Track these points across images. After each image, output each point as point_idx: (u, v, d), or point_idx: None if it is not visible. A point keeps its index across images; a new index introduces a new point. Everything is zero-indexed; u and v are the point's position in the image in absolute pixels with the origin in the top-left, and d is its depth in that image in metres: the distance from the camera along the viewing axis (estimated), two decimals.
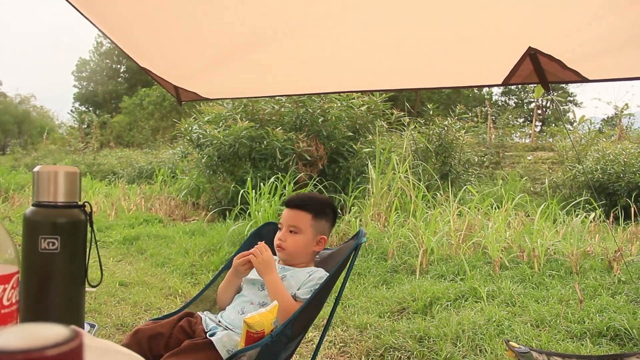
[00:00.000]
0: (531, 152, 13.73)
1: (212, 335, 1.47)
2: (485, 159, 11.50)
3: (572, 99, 29.49)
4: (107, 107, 34.95)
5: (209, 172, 7.46)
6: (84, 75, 39.69)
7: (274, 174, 6.15)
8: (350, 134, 7.12)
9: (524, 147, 14.49)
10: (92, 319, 3.09)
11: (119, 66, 38.28)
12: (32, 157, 17.28)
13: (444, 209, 5.70)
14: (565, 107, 27.84)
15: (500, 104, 31.62)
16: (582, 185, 8.45)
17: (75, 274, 0.99)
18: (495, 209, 5.77)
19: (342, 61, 1.95)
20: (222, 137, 6.78)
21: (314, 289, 1.55)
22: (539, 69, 1.66)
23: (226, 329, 1.51)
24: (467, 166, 9.00)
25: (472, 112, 14.40)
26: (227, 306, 1.67)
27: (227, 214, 6.41)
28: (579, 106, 30.19)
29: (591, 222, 5.45)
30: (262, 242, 1.64)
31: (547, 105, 26.40)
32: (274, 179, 5.95)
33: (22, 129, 32.84)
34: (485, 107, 15.74)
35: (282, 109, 7.20)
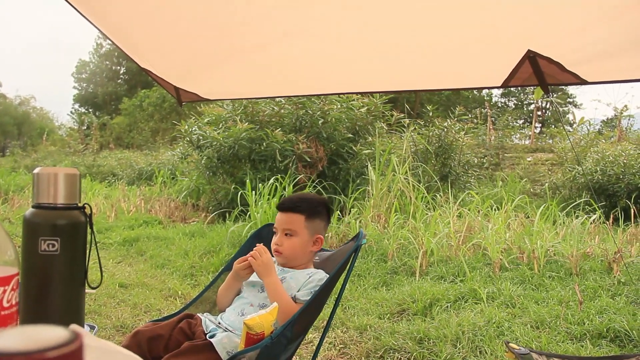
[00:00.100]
0: (531, 153, 13.74)
1: (212, 336, 1.47)
2: (485, 161, 11.51)
3: (571, 100, 29.54)
4: (106, 109, 34.95)
5: (208, 173, 7.46)
6: (83, 76, 39.71)
7: (273, 176, 6.14)
8: (350, 135, 7.12)
9: (524, 148, 14.50)
10: (92, 320, 3.08)
11: (119, 68, 38.29)
12: (32, 158, 17.24)
13: (444, 210, 5.70)
14: (564, 108, 27.86)
15: (500, 105, 31.65)
16: (581, 186, 8.45)
17: (75, 276, 0.99)
18: (495, 210, 5.77)
19: (341, 62, 1.96)
20: (221, 139, 6.78)
21: (314, 290, 1.55)
22: (538, 72, 1.66)
23: (226, 331, 1.51)
24: (466, 167, 9.00)
25: (471, 113, 14.41)
26: (226, 308, 1.67)
27: (227, 215, 6.41)
28: (579, 107, 30.25)
29: (591, 224, 5.45)
30: (261, 244, 1.63)
31: (547, 106, 26.42)
32: (274, 180, 5.95)
33: (22, 130, 32.84)
34: (484, 109, 15.75)
35: (282, 111, 7.20)
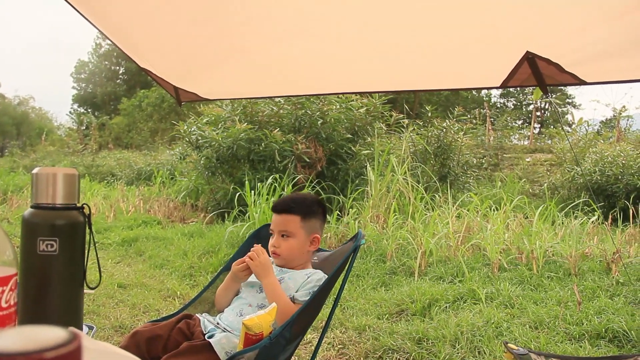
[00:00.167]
0: (530, 154, 13.75)
1: (210, 337, 1.47)
2: (483, 161, 11.51)
3: (570, 101, 29.56)
4: (105, 109, 34.92)
5: (207, 173, 7.45)
6: (82, 76, 39.65)
7: (272, 176, 6.14)
8: (349, 135, 7.11)
9: (523, 149, 14.52)
10: (91, 320, 3.08)
11: (118, 68, 38.24)
12: (31, 158, 17.21)
13: (443, 210, 5.70)
14: (563, 109, 27.90)
15: (498, 105, 31.66)
16: (580, 187, 8.46)
17: (73, 276, 0.99)
18: (493, 210, 5.77)
19: (341, 62, 1.96)
20: (220, 139, 6.77)
21: (312, 291, 1.55)
22: (537, 73, 1.67)
23: (225, 331, 1.51)
24: (465, 168, 9.00)
25: (470, 114, 14.40)
26: (225, 308, 1.67)
27: (226, 215, 6.41)
28: (578, 108, 30.29)
29: (590, 224, 5.45)
30: (259, 244, 1.63)
31: (546, 107, 26.44)
32: (271, 179, 5.94)
33: (21, 130, 32.79)
34: (483, 109, 15.76)
35: (281, 111, 7.20)
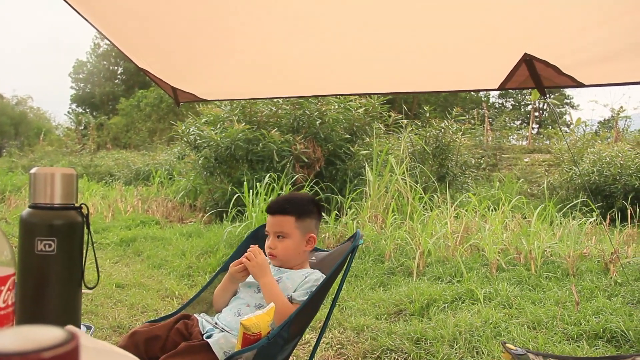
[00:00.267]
0: (528, 154, 13.77)
1: (208, 337, 1.47)
2: (482, 161, 11.52)
3: (568, 101, 29.60)
4: (104, 109, 34.86)
5: (206, 173, 7.44)
6: (81, 76, 39.57)
7: (271, 177, 6.14)
8: (347, 136, 7.12)
9: (521, 149, 14.54)
10: (89, 320, 3.08)
11: (116, 68, 38.18)
12: (29, 158, 17.17)
13: (441, 211, 5.71)
14: (562, 109, 27.94)
15: (497, 106, 31.72)
16: (578, 187, 8.46)
17: (71, 276, 0.99)
18: (492, 211, 5.78)
19: (339, 64, 1.96)
20: (219, 139, 6.77)
21: (310, 291, 1.55)
22: (535, 75, 1.67)
23: (223, 331, 1.51)
24: (464, 168, 9.01)
25: (469, 114, 14.39)
26: (223, 308, 1.67)
27: (224, 215, 6.40)
28: (576, 109, 30.31)
29: (588, 225, 5.46)
30: (256, 245, 1.63)
31: (544, 107, 26.48)
32: (269, 178, 5.94)
33: (19, 130, 32.70)
34: (482, 110, 15.79)
35: (280, 111, 7.20)
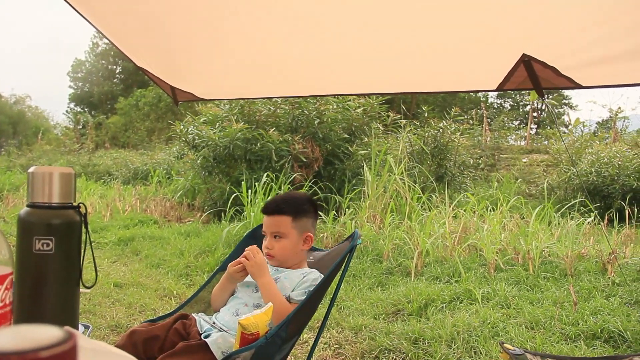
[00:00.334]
0: (526, 154, 13.79)
1: (206, 336, 1.47)
2: (480, 161, 11.53)
3: (567, 102, 29.63)
4: (102, 108, 34.81)
5: (204, 173, 7.44)
6: (79, 75, 39.51)
7: (270, 176, 6.14)
8: (346, 135, 7.12)
9: (519, 149, 14.56)
10: (87, 320, 3.07)
11: (115, 67, 38.13)
12: (27, 157, 17.14)
13: (440, 211, 5.71)
14: (560, 109, 27.98)
15: (495, 106, 31.74)
16: (577, 187, 8.48)
17: (69, 275, 0.99)
18: (490, 211, 5.78)
19: (339, 64, 1.96)
20: (217, 139, 6.77)
21: (308, 290, 1.55)
22: (533, 76, 1.67)
23: (221, 331, 1.51)
24: (462, 168, 9.01)
25: (467, 114, 14.41)
26: (221, 308, 1.67)
27: (223, 215, 6.40)
28: (574, 109, 30.34)
29: (586, 225, 5.47)
30: (254, 245, 1.63)
31: (543, 108, 26.51)
32: (267, 178, 5.94)
33: (17, 129, 32.63)
34: (480, 110, 15.80)
35: (278, 111, 7.20)
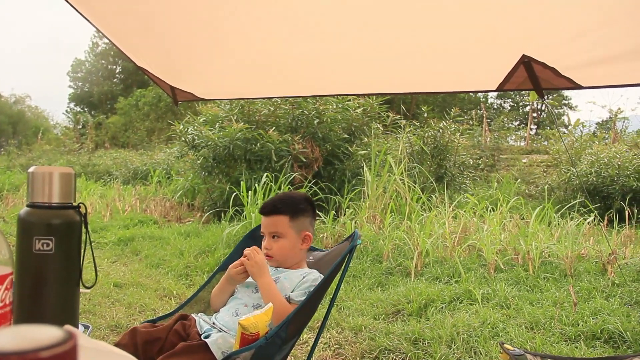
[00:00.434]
0: (526, 155, 13.79)
1: (206, 337, 1.46)
2: (480, 162, 11.54)
3: (567, 102, 29.64)
4: (102, 108, 34.82)
5: (204, 173, 7.43)
6: (79, 75, 39.52)
7: (266, 174, 6.13)
8: (345, 136, 7.12)
9: (519, 150, 14.57)
10: (87, 320, 3.07)
11: (115, 67, 38.13)
12: (27, 157, 17.14)
13: (439, 211, 5.71)
14: (560, 110, 27.99)
15: (495, 107, 31.76)
16: (576, 188, 8.48)
17: (69, 275, 0.99)
18: (490, 211, 5.78)
19: (339, 64, 1.96)
20: (217, 139, 6.76)
21: (308, 290, 1.55)
22: (533, 76, 1.67)
23: (220, 331, 1.50)
24: (462, 169, 9.01)
25: (467, 114, 14.43)
26: (221, 308, 1.66)
27: (222, 215, 6.40)
28: (574, 109, 30.36)
29: (586, 225, 5.47)
30: (253, 245, 1.63)
31: (542, 108, 26.51)
32: (266, 178, 5.93)
33: (17, 129, 32.63)
34: (480, 110, 15.81)
35: (278, 111, 7.19)
